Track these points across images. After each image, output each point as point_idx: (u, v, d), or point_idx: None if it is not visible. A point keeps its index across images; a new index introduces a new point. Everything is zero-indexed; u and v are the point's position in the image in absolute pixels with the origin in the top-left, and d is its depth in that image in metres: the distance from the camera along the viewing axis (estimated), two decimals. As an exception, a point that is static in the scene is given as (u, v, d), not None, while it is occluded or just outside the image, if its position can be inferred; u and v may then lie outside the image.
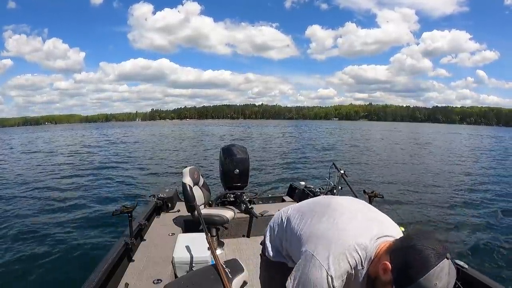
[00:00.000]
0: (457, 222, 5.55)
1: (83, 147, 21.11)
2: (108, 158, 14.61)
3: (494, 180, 9.91)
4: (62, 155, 16.52)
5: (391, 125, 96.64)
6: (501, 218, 5.84)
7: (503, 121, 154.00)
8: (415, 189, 8.15)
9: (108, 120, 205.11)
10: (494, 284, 1.62)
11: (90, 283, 1.65)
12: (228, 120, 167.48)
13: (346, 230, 0.96)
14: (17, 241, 4.51)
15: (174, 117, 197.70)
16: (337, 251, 0.92)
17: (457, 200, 7.15)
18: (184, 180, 2.82)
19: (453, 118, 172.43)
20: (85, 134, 40.88)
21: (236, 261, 1.71)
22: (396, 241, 0.89)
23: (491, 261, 4.02)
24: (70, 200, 6.82)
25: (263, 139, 26.71)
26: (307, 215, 1.10)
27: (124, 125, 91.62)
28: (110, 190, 7.87)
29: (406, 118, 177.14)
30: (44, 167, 12.14)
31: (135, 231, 2.40)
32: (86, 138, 33.07)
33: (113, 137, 32.58)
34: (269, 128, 51.28)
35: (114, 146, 21.52)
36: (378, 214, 1.09)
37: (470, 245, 4.50)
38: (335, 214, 1.03)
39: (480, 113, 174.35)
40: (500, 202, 6.98)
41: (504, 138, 37.37)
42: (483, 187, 8.70)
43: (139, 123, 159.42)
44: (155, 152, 17.75)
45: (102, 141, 27.12)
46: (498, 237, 4.83)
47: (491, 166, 13.00)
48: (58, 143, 25.89)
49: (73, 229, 4.94)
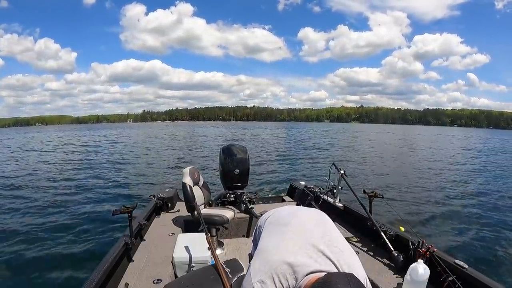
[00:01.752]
0: (457, 222, 5.55)
1: (82, 147, 21.11)
2: (108, 158, 14.60)
3: (494, 180, 9.92)
4: (61, 156, 16.50)
5: (387, 127, 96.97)
6: (501, 218, 5.84)
7: (493, 124, 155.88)
8: (415, 189, 8.14)
9: (99, 121, 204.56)
10: (494, 284, 1.62)
11: (90, 283, 1.65)
12: (219, 122, 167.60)
13: (284, 251, 0.94)
14: (17, 241, 4.49)
15: (165, 118, 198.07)
16: (267, 269, 0.90)
17: (457, 200, 7.15)
18: (184, 180, 2.82)
19: (444, 121, 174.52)
20: (81, 135, 40.88)
21: (236, 261, 1.71)
22: (318, 279, 0.82)
23: (491, 261, 4.02)
24: (70, 200, 6.81)
25: (257, 140, 26.72)
26: (268, 227, 1.13)
27: (118, 126, 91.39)
28: (110, 190, 7.86)
29: (398, 120, 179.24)
30: (43, 167, 12.13)
31: (135, 231, 2.39)
32: (85, 138, 33.07)
33: (110, 137, 32.60)
34: (261, 130, 51.60)
35: (113, 146, 21.53)
36: (335, 242, 1.00)
37: (470, 245, 4.50)
38: (285, 232, 1.02)
39: (470, 116, 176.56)
40: (501, 202, 6.98)
41: (507, 141, 37.53)
42: (483, 188, 8.70)
43: (131, 124, 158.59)
44: (155, 152, 17.74)
45: (100, 141, 27.13)
46: (498, 237, 4.83)
47: (490, 167, 13.02)
48: (56, 144, 25.87)
49: (73, 229, 4.93)
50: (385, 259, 2.22)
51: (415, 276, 1.71)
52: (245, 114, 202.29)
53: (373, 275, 2.02)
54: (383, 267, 2.14)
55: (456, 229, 5.16)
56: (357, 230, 2.75)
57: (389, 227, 2.41)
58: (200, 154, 16.06)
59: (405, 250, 2.08)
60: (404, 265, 1.99)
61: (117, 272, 2.01)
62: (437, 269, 1.78)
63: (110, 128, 71.87)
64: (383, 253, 2.27)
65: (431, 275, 1.71)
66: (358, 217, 2.76)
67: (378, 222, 2.42)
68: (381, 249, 2.32)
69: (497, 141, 34.46)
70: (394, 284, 1.92)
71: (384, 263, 2.18)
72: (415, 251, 1.97)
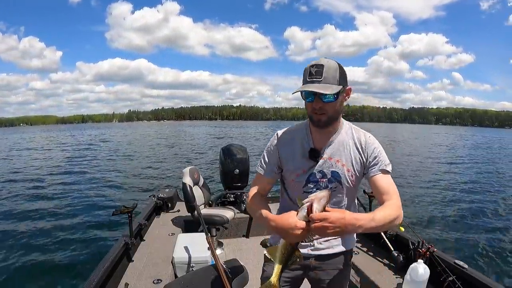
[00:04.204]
0: (457, 222, 5.55)
1: (81, 147, 21.11)
2: (108, 158, 14.60)
3: (493, 181, 9.92)
4: (60, 155, 16.50)
5: (372, 125, 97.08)
6: (501, 218, 5.84)
7: (478, 122, 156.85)
8: (415, 189, 8.14)
9: (85, 121, 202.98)
10: (494, 284, 1.62)
11: (90, 283, 1.65)
12: (206, 121, 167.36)
13: None
14: (17, 240, 4.50)
15: (151, 118, 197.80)
16: None
17: (457, 200, 7.15)
18: (184, 180, 2.82)
19: (429, 119, 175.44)
20: (77, 135, 40.86)
21: (236, 261, 1.71)
22: None
23: (491, 261, 4.02)
24: (70, 200, 6.81)
25: (246, 139, 26.69)
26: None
27: (106, 127, 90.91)
28: (110, 190, 7.86)
29: (383, 119, 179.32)
30: (41, 167, 12.12)
31: (135, 231, 2.39)
32: (84, 138, 33.07)
33: (104, 137, 32.64)
34: (251, 129, 51.56)
35: (112, 146, 21.52)
36: None
37: (470, 245, 4.50)
38: None
39: (455, 114, 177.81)
40: (501, 203, 6.98)
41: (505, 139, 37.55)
42: (483, 188, 8.69)
43: (116, 124, 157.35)
44: (155, 152, 17.73)
45: (99, 141, 27.10)
46: (498, 237, 4.83)
47: (490, 168, 13.02)
48: (52, 143, 25.85)
49: (73, 229, 4.93)
50: (385, 259, 2.22)
51: (415, 276, 1.70)
52: (231, 113, 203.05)
53: (373, 275, 2.02)
54: (383, 267, 2.14)
55: (456, 229, 5.16)
56: None
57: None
58: (203, 154, 16.03)
59: (405, 250, 2.08)
60: (404, 265, 1.99)
61: (117, 272, 2.01)
62: (437, 269, 1.78)
63: (98, 128, 71.68)
64: (383, 253, 2.27)
65: (431, 275, 1.71)
66: None
67: None
68: (381, 249, 2.32)
69: (495, 140, 34.44)
70: (394, 284, 1.92)
71: (384, 263, 2.18)
72: (415, 251, 1.97)
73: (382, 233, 2.30)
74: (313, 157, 1.05)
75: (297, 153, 1.07)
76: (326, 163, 1.05)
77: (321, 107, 0.96)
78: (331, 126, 1.04)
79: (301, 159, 1.07)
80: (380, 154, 1.05)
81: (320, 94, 0.93)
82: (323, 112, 0.97)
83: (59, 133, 49.66)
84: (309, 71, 0.95)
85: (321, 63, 0.94)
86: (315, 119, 1.00)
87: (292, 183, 1.11)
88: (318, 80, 0.93)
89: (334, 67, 0.95)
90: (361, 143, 1.06)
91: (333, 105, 0.97)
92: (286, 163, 1.09)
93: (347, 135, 1.07)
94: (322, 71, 0.93)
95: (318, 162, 1.05)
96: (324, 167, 1.05)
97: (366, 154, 1.05)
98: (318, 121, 0.99)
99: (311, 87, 0.93)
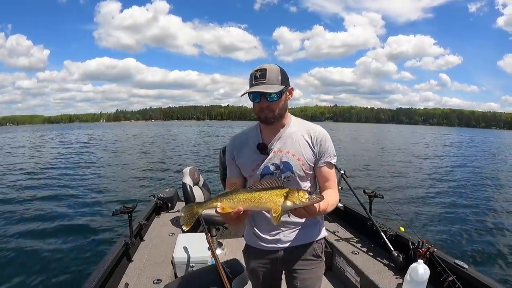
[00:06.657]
0: (457, 222, 5.54)
1: (80, 147, 21.10)
2: (107, 158, 14.60)
3: (493, 181, 9.92)
4: (59, 156, 16.49)
5: (360, 125, 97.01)
6: (502, 218, 5.84)
7: (464, 123, 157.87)
8: (415, 189, 8.14)
9: (72, 121, 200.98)
10: (494, 284, 1.62)
11: (90, 283, 1.65)
12: (194, 121, 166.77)
13: None
14: (17, 241, 4.50)
15: (139, 118, 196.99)
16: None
17: (457, 200, 7.15)
18: (184, 180, 2.82)
19: (416, 120, 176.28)
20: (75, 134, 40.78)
21: (236, 261, 1.71)
22: None
23: (491, 261, 4.02)
24: (70, 201, 6.81)
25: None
26: None
27: (95, 126, 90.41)
28: (110, 190, 7.86)
29: (371, 119, 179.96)
30: (39, 167, 12.12)
31: (135, 231, 2.39)
32: (80, 137, 33.07)
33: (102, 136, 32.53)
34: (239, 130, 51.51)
35: (112, 146, 21.51)
36: None
37: (470, 245, 4.50)
38: None
39: (442, 115, 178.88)
40: (501, 203, 6.98)
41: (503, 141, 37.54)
42: (483, 188, 8.69)
43: (103, 124, 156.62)
44: (155, 152, 17.73)
45: (97, 141, 27.10)
46: (498, 237, 4.83)
47: (490, 168, 13.02)
48: (50, 144, 25.85)
49: (73, 229, 4.93)
50: (385, 259, 2.22)
51: (415, 276, 1.71)
52: (220, 113, 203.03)
53: (373, 275, 2.02)
54: (383, 267, 2.14)
55: (456, 229, 5.15)
56: (357, 230, 2.75)
57: (389, 227, 2.41)
58: (203, 154, 16.03)
59: (405, 250, 2.08)
60: (404, 265, 1.99)
61: (117, 272, 2.01)
62: (437, 269, 1.78)
63: (91, 128, 71.33)
64: (383, 253, 2.27)
65: (431, 275, 1.71)
66: (358, 217, 2.76)
67: (378, 222, 2.42)
68: (381, 249, 2.32)
69: (492, 142, 34.39)
70: (394, 284, 1.92)
71: (384, 263, 2.18)
72: (415, 251, 1.97)
73: (382, 233, 2.30)
74: (263, 151, 1.14)
75: (250, 150, 1.18)
76: (277, 155, 1.14)
77: (268, 106, 1.07)
78: (278, 122, 1.14)
79: (253, 154, 1.17)
80: (327, 147, 1.16)
81: (266, 94, 1.04)
82: (270, 110, 1.07)
83: (49, 132, 49.44)
84: (254, 75, 1.06)
85: (264, 67, 1.06)
86: (263, 117, 1.09)
87: (250, 179, 1.19)
88: (263, 82, 1.04)
89: (276, 70, 1.07)
90: (311, 136, 1.15)
91: (278, 102, 1.08)
92: (240, 160, 1.20)
93: (296, 129, 1.17)
94: (266, 74, 1.04)
95: (269, 155, 1.14)
96: (275, 160, 1.14)
97: (316, 146, 1.15)
98: (266, 119, 1.09)
99: (257, 88, 1.03)
